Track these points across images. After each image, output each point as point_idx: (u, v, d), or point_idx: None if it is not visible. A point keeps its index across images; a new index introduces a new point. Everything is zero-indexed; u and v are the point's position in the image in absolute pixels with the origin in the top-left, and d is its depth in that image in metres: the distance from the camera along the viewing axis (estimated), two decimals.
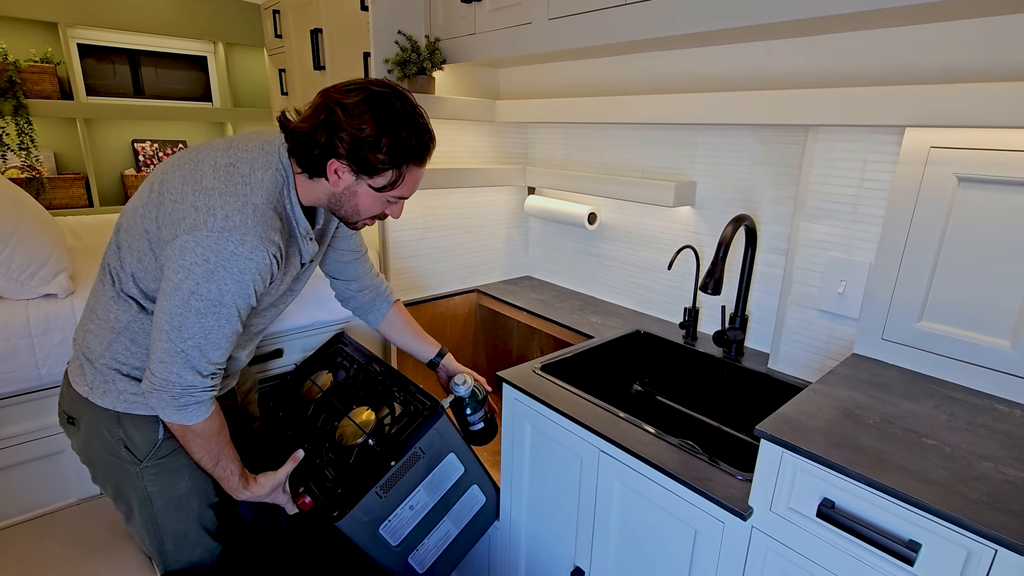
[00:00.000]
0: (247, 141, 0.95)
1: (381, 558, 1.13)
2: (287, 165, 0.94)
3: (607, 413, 1.05)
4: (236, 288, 0.87)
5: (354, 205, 0.97)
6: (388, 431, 1.14)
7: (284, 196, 0.94)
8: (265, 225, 0.88)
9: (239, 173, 0.89)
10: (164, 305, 0.87)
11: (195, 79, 3.28)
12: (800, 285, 1.17)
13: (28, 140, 2.61)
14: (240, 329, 0.94)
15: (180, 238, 0.84)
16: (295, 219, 0.97)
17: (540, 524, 1.21)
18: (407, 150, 0.91)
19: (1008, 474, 0.71)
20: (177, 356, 0.88)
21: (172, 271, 0.85)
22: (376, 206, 0.98)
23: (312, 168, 0.92)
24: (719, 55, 1.27)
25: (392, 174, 0.93)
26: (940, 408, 0.88)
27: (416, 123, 0.91)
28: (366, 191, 0.95)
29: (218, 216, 0.84)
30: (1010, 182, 0.87)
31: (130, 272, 0.93)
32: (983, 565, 0.63)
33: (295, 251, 1.01)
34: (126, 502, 1.05)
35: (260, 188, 0.89)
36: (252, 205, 0.87)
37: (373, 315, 1.32)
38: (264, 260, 0.88)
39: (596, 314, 1.62)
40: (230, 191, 0.87)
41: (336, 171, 0.91)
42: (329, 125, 0.88)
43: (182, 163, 0.92)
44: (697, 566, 0.90)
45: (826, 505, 0.74)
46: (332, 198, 0.97)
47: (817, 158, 1.10)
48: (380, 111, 0.88)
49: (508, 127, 1.84)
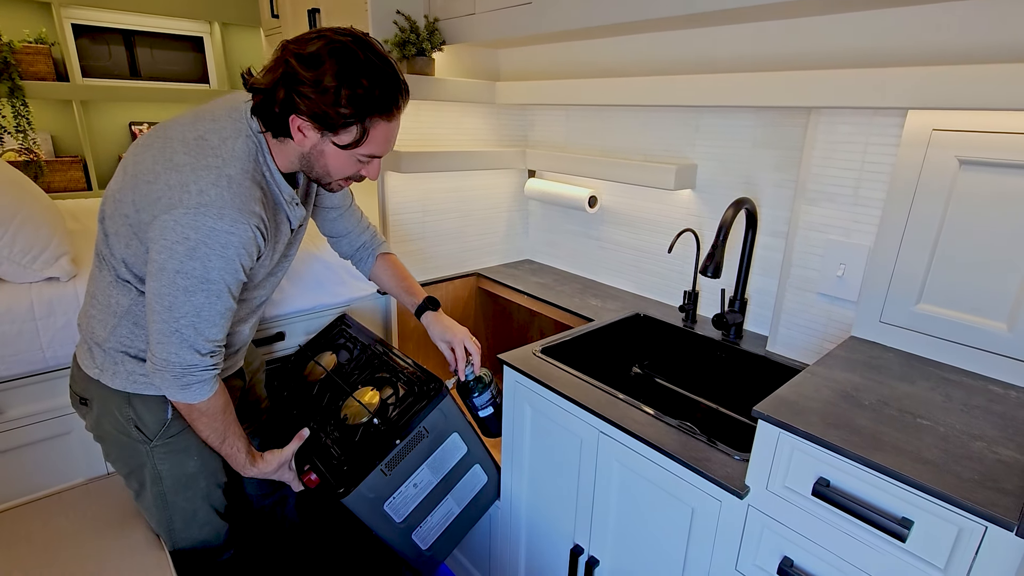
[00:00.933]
0: (214, 110, 0.92)
1: (385, 534, 1.15)
2: (257, 130, 0.90)
3: (607, 395, 1.07)
4: (222, 264, 0.85)
5: (324, 165, 0.93)
6: (392, 411, 1.15)
7: (260, 164, 0.91)
8: (243, 197, 0.85)
9: (209, 145, 0.86)
10: (152, 286, 0.86)
11: (192, 60, 3.24)
12: (800, 268, 1.18)
13: (25, 123, 2.59)
14: (234, 306, 0.93)
15: (159, 219, 0.83)
16: (277, 186, 0.95)
17: (540, 503, 1.23)
18: (370, 102, 0.85)
19: (1000, 453, 0.72)
20: (172, 336, 0.88)
21: (155, 252, 0.84)
22: (347, 166, 0.93)
23: (275, 127, 0.88)
24: (721, 36, 1.26)
25: (356, 130, 0.87)
26: (936, 390, 0.89)
27: (380, 72, 0.85)
28: (332, 150, 0.90)
29: (192, 192, 0.83)
30: (1012, 165, 0.87)
31: (120, 258, 0.93)
32: (973, 541, 0.64)
33: (283, 218, 0.99)
34: (137, 480, 1.07)
35: (233, 158, 0.87)
36: (227, 177, 0.85)
37: (363, 266, 1.32)
38: (247, 233, 0.86)
39: (596, 297, 1.62)
40: (202, 165, 0.84)
41: (299, 128, 0.86)
42: (287, 79, 0.83)
43: (151, 141, 0.89)
44: (694, 543, 0.93)
45: (821, 484, 0.76)
46: (302, 159, 0.93)
47: (819, 141, 1.10)
48: (339, 61, 0.82)
49: (508, 109, 1.82)
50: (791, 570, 0.80)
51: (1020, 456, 0.72)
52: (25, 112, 2.59)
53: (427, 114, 1.64)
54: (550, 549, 1.24)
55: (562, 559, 1.20)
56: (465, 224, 1.82)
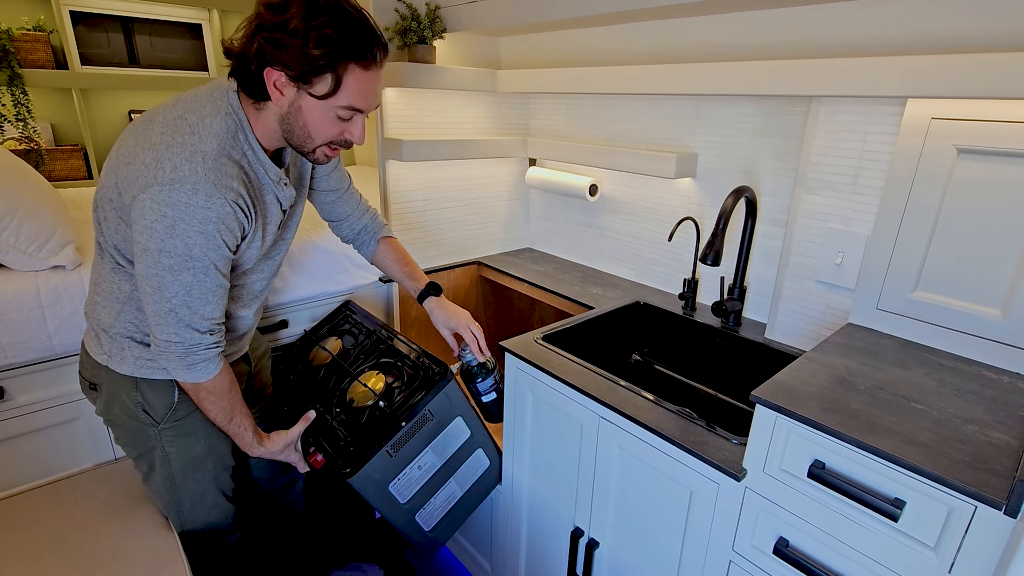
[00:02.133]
0: (197, 92, 0.92)
1: (390, 515, 1.17)
2: (238, 108, 0.90)
3: (607, 381, 1.08)
4: (202, 240, 0.85)
5: (303, 125, 0.90)
6: (398, 395, 1.17)
7: (241, 141, 0.91)
8: (218, 172, 0.85)
9: (187, 123, 0.87)
10: (140, 268, 0.87)
11: (191, 47, 3.22)
12: (799, 256, 1.19)
13: (25, 111, 2.58)
14: (224, 283, 0.93)
15: (137, 199, 0.83)
16: (262, 165, 0.94)
17: (542, 487, 1.26)
18: (342, 46, 0.83)
19: (992, 436, 0.74)
20: (168, 316, 0.89)
21: (138, 232, 0.85)
22: (328, 124, 0.90)
23: (252, 87, 0.87)
24: (723, 24, 1.26)
25: (331, 78, 0.85)
26: (930, 375, 0.91)
27: (349, 16, 0.84)
28: (310, 103, 0.87)
29: (166, 169, 0.83)
30: (1009, 153, 0.88)
31: (113, 244, 0.94)
32: (963, 521, 0.66)
33: (271, 199, 0.99)
34: (146, 462, 1.09)
35: (209, 135, 0.86)
36: (201, 153, 0.84)
37: (364, 250, 1.32)
38: (224, 208, 0.85)
39: (597, 285, 1.64)
40: (177, 143, 0.84)
41: (275, 84, 0.86)
42: (258, 28, 0.83)
43: (136, 126, 0.90)
44: (692, 525, 0.95)
45: (817, 466, 0.78)
46: (283, 123, 0.91)
47: (819, 130, 1.10)
48: (307, 3, 0.81)
49: (509, 98, 1.82)
50: (787, 550, 0.82)
51: (1011, 439, 0.74)
52: (25, 100, 2.58)
53: (428, 102, 1.64)
54: (551, 532, 1.26)
55: (563, 542, 1.23)
56: (467, 212, 1.83)
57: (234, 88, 0.91)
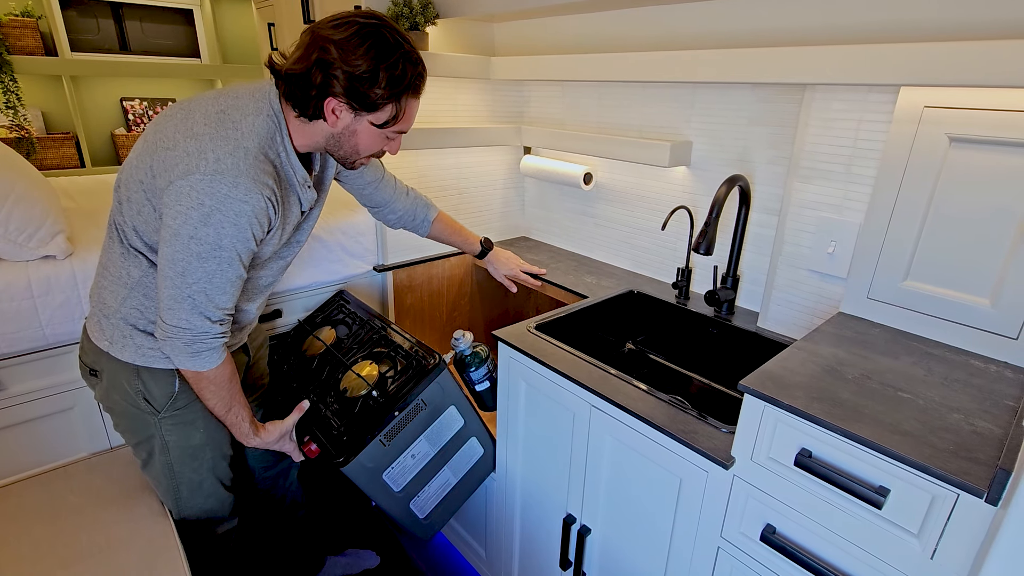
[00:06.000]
0: (238, 90, 0.95)
1: (384, 503, 1.19)
2: (279, 111, 0.94)
3: (599, 370, 1.09)
4: (234, 232, 0.88)
5: (354, 144, 0.97)
6: (391, 384, 1.18)
7: (277, 143, 0.94)
8: (257, 169, 0.88)
9: (230, 119, 0.89)
10: (165, 252, 0.88)
11: (183, 34, 3.18)
12: (791, 246, 1.19)
13: (15, 99, 2.56)
14: (244, 275, 0.95)
15: (174, 184, 0.85)
16: (292, 167, 0.98)
17: (534, 475, 1.27)
18: (405, 82, 0.91)
19: (976, 425, 0.75)
20: (184, 302, 0.90)
21: (170, 217, 0.86)
22: (376, 143, 0.98)
23: (309, 110, 0.91)
24: (718, 11, 1.25)
25: (392, 108, 0.93)
26: (918, 364, 0.91)
27: (409, 54, 0.91)
28: (366, 128, 0.95)
29: (210, 160, 0.85)
30: (1000, 142, 0.87)
31: (132, 226, 0.95)
32: (945, 508, 0.67)
33: (294, 200, 1.02)
34: (145, 450, 1.10)
35: (251, 133, 0.90)
36: (243, 149, 0.87)
37: (420, 231, 1.42)
38: (259, 203, 0.88)
39: (591, 274, 1.64)
40: (221, 135, 0.87)
41: (334, 110, 0.91)
42: (322, 64, 0.87)
43: (174, 113, 0.92)
44: (682, 512, 0.96)
45: (803, 455, 0.78)
46: (331, 139, 0.97)
47: (813, 118, 1.10)
48: (374, 44, 0.86)
49: (503, 85, 1.81)
50: (773, 537, 0.84)
51: (995, 427, 0.74)
52: (14, 88, 2.55)
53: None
54: (544, 519, 1.28)
55: (555, 528, 1.24)
56: (461, 201, 1.82)
57: (276, 92, 0.93)
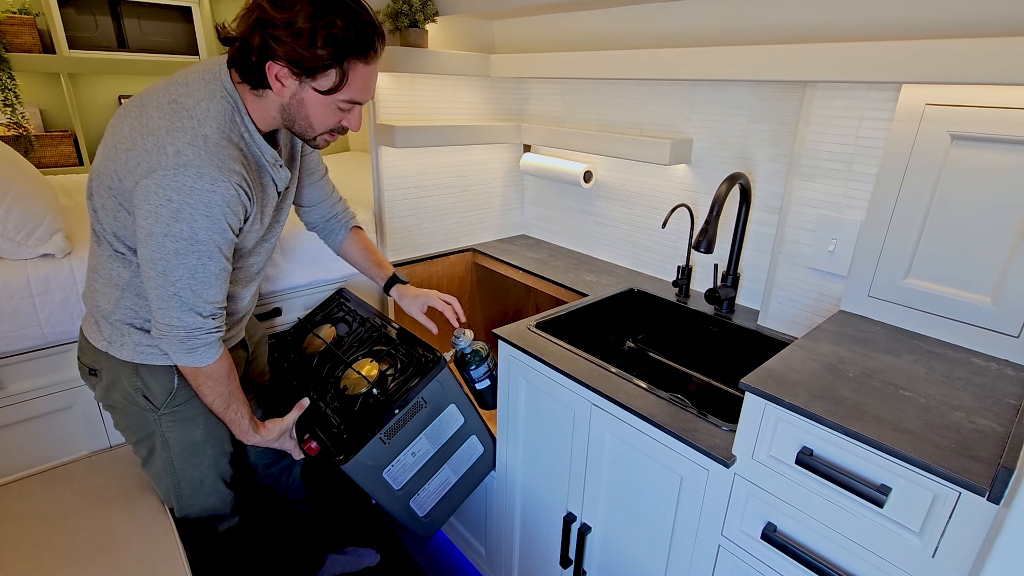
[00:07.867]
0: (187, 74, 0.91)
1: (384, 501, 1.18)
2: (232, 91, 0.90)
3: (600, 369, 1.08)
4: (208, 224, 0.86)
5: (305, 116, 0.92)
6: (391, 382, 1.18)
7: (238, 123, 0.91)
8: (221, 155, 0.85)
9: (183, 107, 0.86)
10: (143, 253, 0.87)
11: (181, 31, 3.17)
12: (792, 244, 1.19)
13: (13, 96, 2.55)
14: (228, 267, 0.94)
15: (140, 184, 0.83)
16: (258, 147, 0.94)
17: (535, 473, 1.27)
18: (347, 43, 0.85)
19: (978, 423, 0.75)
20: (172, 300, 0.89)
21: (142, 218, 0.85)
22: (328, 114, 0.93)
23: (252, 77, 0.87)
24: (718, 9, 1.24)
25: (335, 73, 0.87)
26: (919, 362, 0.91)
27: (354, 13, 0.85)
28: (312, 96, 0.89)
29: (170, 154, 0.83)
30: (1002, 140, 0.87)
31: (112, 232, 0.94)
32: (947, 506, 0.67)
33: (268, 181, 0.99)
34: (146, 448, 1.10)
35: (208, 118, 0.86)
36: (202, 136, 0.85)
37: (333, 238, 1.33)
38: (229, 191, 0.86)
39: (591, 272, 1.63)
40: (177, 127, 0.84)
41: (277, 76, 0.86)
42: (260, 23, 0.82)
43: (128, 111, 0.90)
44: (682, 510, 0.96)
45: (805, 453, 0.78)
46: (283, 112, 0.92)
47: (814, 115, 1.10)
48: (312, 1, 0.82)
49: (503, 83, 1.80)
50: (774, 535, 0.83)
51: (996, 425, 0.74)
52: (12, 85, 2.54)
53: (421, 88, 1.63)
54: (544, 517, 1.28)
55: (556, 527, 1.24)
56: (460, 199, 1.82)
57: (225, 69, 0.90)
